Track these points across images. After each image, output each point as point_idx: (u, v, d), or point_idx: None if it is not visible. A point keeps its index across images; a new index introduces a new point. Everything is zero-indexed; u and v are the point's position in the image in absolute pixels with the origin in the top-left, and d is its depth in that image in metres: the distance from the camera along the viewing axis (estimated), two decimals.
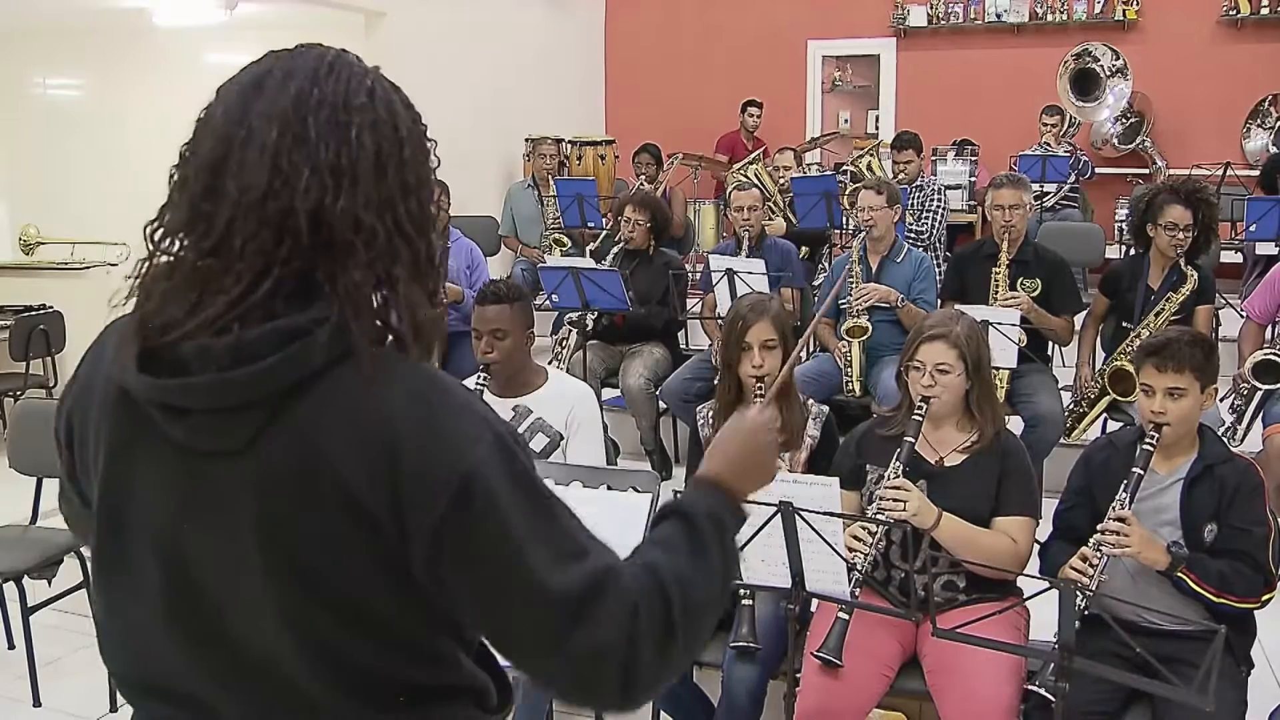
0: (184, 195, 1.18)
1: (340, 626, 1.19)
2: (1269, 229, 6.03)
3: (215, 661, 1.22)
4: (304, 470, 1.15)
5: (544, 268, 5.37)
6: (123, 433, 1.22)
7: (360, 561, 1.16)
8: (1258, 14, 9.09)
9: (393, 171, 1.18)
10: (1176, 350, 2.89)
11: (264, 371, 1.13)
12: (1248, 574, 2.81)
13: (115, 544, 1.25)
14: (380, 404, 1.15)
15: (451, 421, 1.17)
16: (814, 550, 2.62)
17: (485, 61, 8.47)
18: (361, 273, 1.15)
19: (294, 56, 1.21)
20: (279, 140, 1.14)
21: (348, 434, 1.15)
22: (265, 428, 1.15)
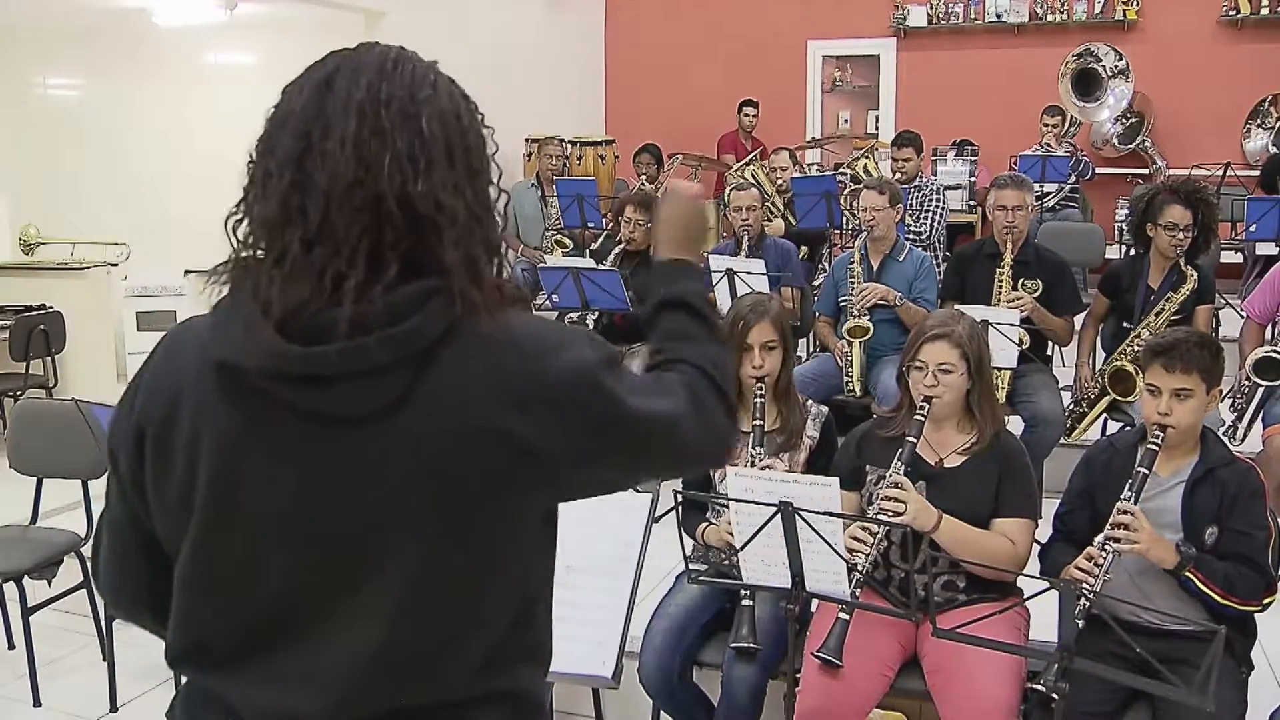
0: (270, 190, 1.24)
1: (480, 578, 1.28)
2: (1269, 229, 6.03)
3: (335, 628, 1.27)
4: (458, 419, 1.23)
5: (544, 268, 5.37)
6: (234, 425, 1.26)
7: (513, 491, 1.27)
8: (1258, 14, 9.10)
9: (459, 156, 1.28)
10: (1185, 351, 2.88)
11: (414, 329, 1.21)
12: (1250, 576, 2.81)
13: (228, 527, 1.29)
14: (509, 343, 1.26)
15: (563, 339, 1.31)
16: (814, 551, 2.62)
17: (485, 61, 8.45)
18: (454, 249, 1.24)
19: (359, 54, 1.30)
20: (358, 131, 1.22)
21: (489, 377, 1.24)
22: (412, 386, 1.22)
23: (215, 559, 1.30)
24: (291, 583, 1.27)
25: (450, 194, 1.25)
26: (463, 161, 1.28)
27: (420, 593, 1.26)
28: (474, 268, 1.26)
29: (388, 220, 1.21)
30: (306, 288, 1.21)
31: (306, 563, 1.27)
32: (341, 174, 1.21)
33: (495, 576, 1.30)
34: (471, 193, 1.28)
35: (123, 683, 3.88)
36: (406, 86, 1.26)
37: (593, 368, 1.30)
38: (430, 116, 1.26)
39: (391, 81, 1.26)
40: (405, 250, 1.22)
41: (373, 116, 1.23)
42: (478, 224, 1.28)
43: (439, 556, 1.26)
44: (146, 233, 7.71)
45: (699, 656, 3.23)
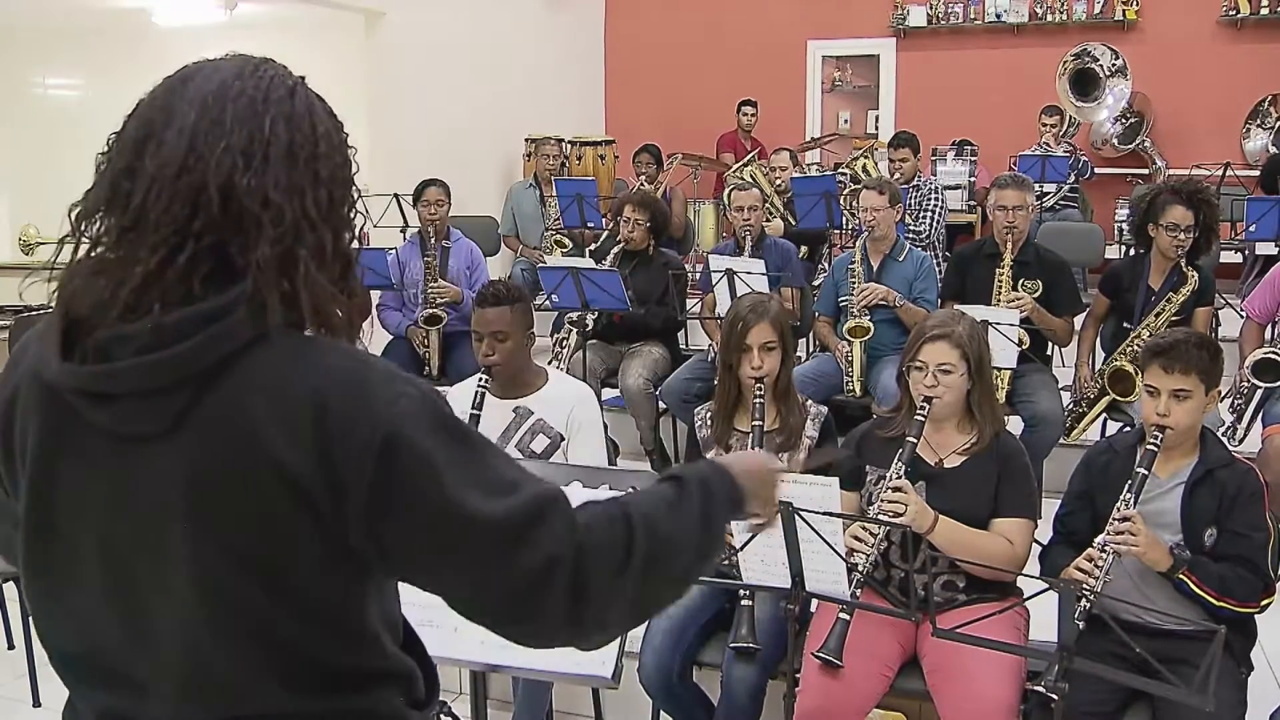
0: (106, 174, 1.25)
1: (268, 605, 1.22)
2: (1269, 229, 6.02)
3: (147, 643, 1.26)
4: (232, 446, 1.19)
5: (543, 268, 5.37)
6: (49, 428, 1.25)
7: (291, 534, 1.20)
8: (1258, 14, 9.09)
9: (304, 161, 1.25)
10: (1184, 352, 2.88)
11: (186, 353, 1.17)
12: (1247, 578, 2.81)
13: (49, 535, 1.27)
14: (302, 376, 1.20)
15: (371, 385, 1.22)
16: (814, 551, 2.62)
17: (485, 61, 8.47)
18: (269, 248, 1.20)
19: (222, 59, 1.29)
20: (197, 122, 1.21)
21: (273, 408, 1.19)
22: (190, 407, 1.19)
23: (40, 567, 1.30)
24: (101, 599, 1.26)
25: (281, 193, 1.22)
26: (307, 167, 1.25)
27: (206, 622, 1.22)
28: (290, 271, 1.21)
29: (204, 208, 1.19)
30: (105, 287, 1.19)
31: (109, 579, 1.25)
32: (170, 160, 1.19)
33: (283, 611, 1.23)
34: (312, 199, 1.24)
35: None
36: (258, 88, 1.25)
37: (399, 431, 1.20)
38: (277, 117, 1.24)
39: (244, 81, 1.25)
40: (210, 245, 1.19)
41: (215, 109, 1.22)
42: (310, 229, 1.24)
43: (220, 587, 1.21)
44: None
45: (699, 656, 3.23)
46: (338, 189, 1.29)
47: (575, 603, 1.24)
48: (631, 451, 5.59)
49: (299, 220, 1.23)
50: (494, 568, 1.22)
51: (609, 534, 1.27)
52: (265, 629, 1.23)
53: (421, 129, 7.66)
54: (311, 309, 1.23)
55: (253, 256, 1.20)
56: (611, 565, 1.27)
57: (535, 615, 1.24)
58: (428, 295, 5.77)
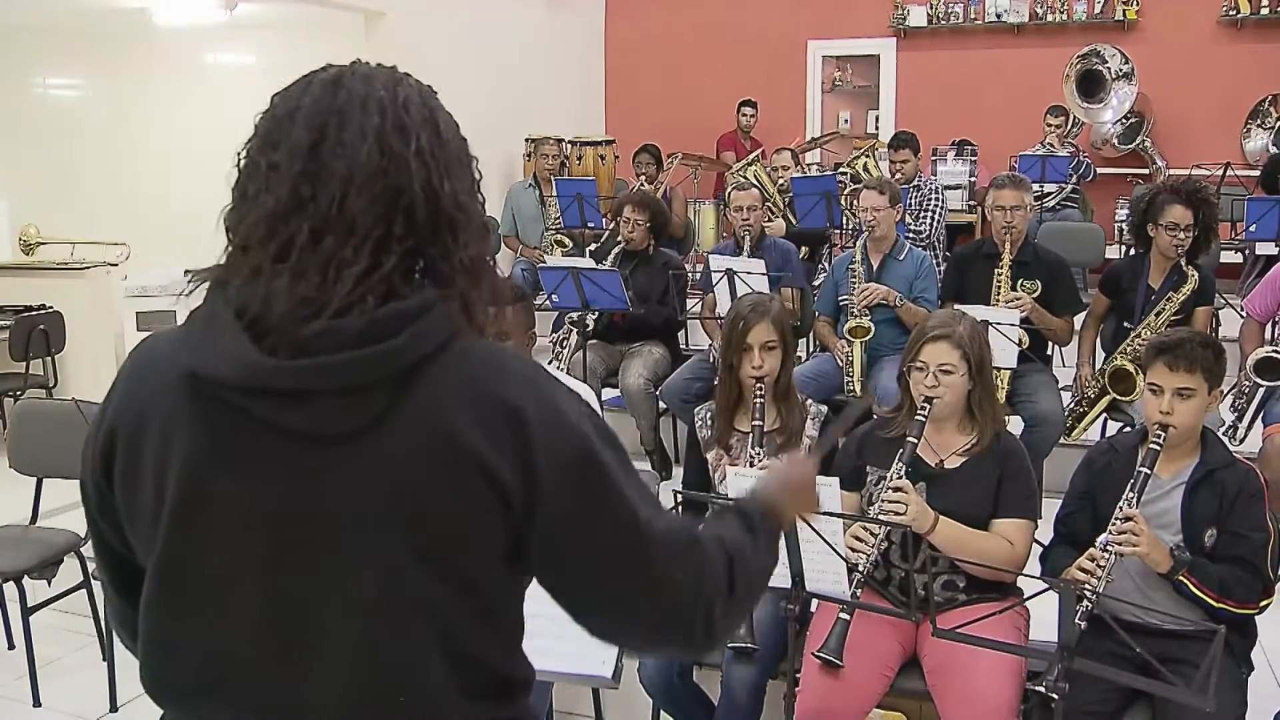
0: (276, 180, 1.20)
1: (450, 606, 1.23)
2: (1269, 229, 6.03)
3: (308, 660, 1.23)
4: (434, 444, 1.19)
5: (544, 268, 5.37)
6: (205, 442, 1.21)
7: (485, 532, 1.22)
8: (1258, 14, 9.09)
9: (467, 165, 1.29)
10: (1189, 350, 2.88)
11: (397, 348, 1.17)
12: (1247, 580, 2.81)
13: (193, 556, 1.24)
14: (500, 383, 1.22)
15: (563, 401, 1.26)
16: (814, 551, 2.62)
17: (485, 61, 8.47)
18: (468, 250, 1.24)
19: (358, 64, 1.29)
20: (381, 124, 1.21)
21: (470, 409, 1.20)
22: (390, 406, 1.18)
23: (180, 584, 1.25)
24: (260, 613, 1.22)
25: (467, 196, 1.26)
26: (469, 171, 1.29)
27: (386, 627, 1.21)
28: (480, 272, 1.25)
29: (404, 213, 1.19)
30: (311, 285, 1.16)
31: (275, 590, 1.22)
32: (364, 163, 1.18)
33: (462, 612, 1.24)
34: (479, 202, 1.29)
35: (123, 683, 3.88)
36: (418, 92, 1.27)
37: (591, 442, 1.25)
38: (448, 121, 1.28)
39: (403, 86, 1.26)
40: (412, 248, 1.20)
41: (394, 113, 1.22)
42: (485, 231, 1.29)
43: (405, 588, 1.21)
44: (146, 233, 7.70)
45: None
46: (467, 196, 1.29)
47: (708, 634, 1.34)
48: (632, 451, 5.50)
49: (480, 222, 1.28)
50: (661, 578, 1.29)
51: (721, 571, 1.35)
52: (443, 631, 1.23)
53: None
54: (495, 309, 1.27)
55: (456, 259, 1.23)
56: (725, 599, 1.36)
57: (679, 637, 1.35)
58: None
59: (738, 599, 1.37)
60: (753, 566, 1.41)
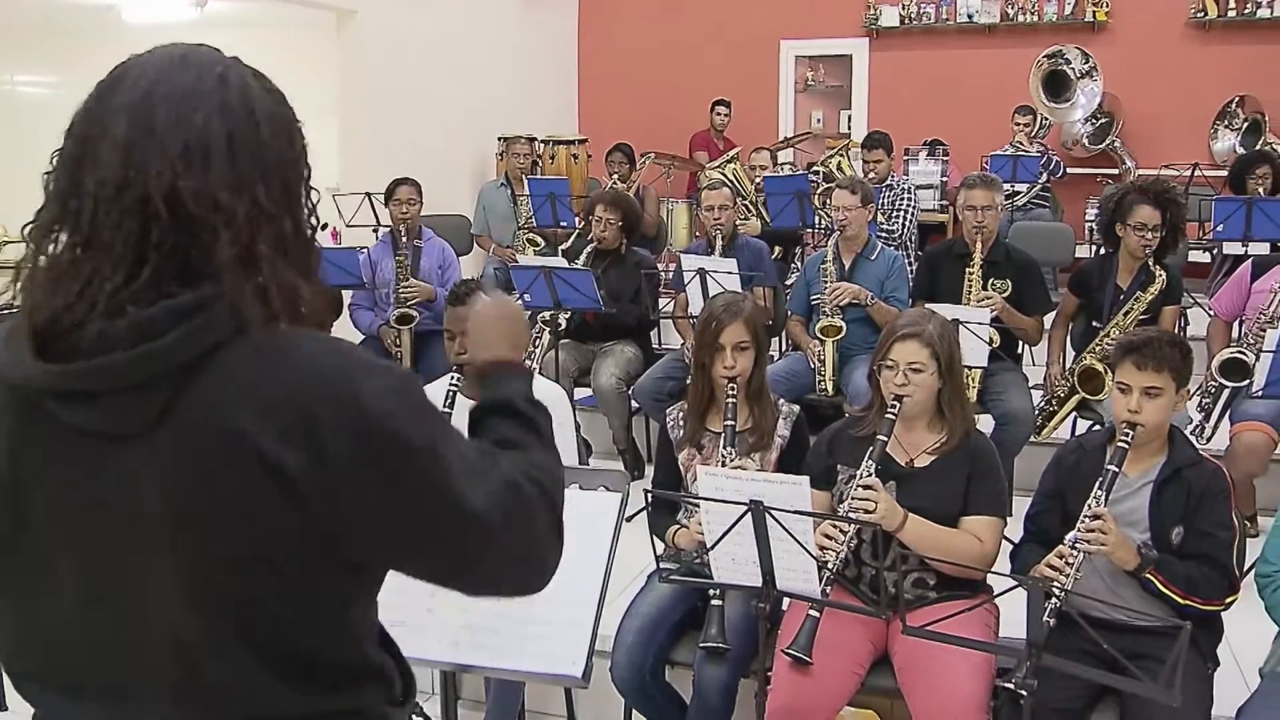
0: (53, 193, 1.23)
1: (254, 602, 1.22)
2: (1236, 229, 6.06)
3: (134, 649, 1.24)
4: (217, 442, 1.18)
5: (516, 267, 5.36)
6: (22, 433, 1.24)
7: (279, 529, 1.19)
8: (1225, 16, 9.19)
9: (248, 152, 1.22)
10: (1157, 350, 2.91)
11: (168, 346, 1.16)
12: (1213, 577, 2.84)
13: (20, 545, 1.26)
14: (285, 371, 1.20)
15: (357, 377, 1.22)
16: (784, 549, 2.63)
17: (458, 60, 8.45)
18: (229, 250, 1.19)
19: (151, 54, 1.26)
20: (128, 133, 1.19)
21: (257, 404, 1.18)
22: (172, 403, 1.18)
23: (8, 573, 1.28)
24: (79, 607, 1.24)
25: (229, 192, 1.20)
26: (251, 158, 1.22)
27: (192, 619, 1.21)
28: (254, 269, 1.20)
29: (154, 220, 1.17)
30: (69, 294, 1.18)
31: (90, 585, 1.23)
32: (109, 177, 1.18)
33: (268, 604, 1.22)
34: (264, 190, 1.23)
35: None
36: (189, 81, 1.22)
37: (388, 416, 1.21)
38: (210, 111, 1.21)
39: (171, 80, 1.22)
40: (172, 251, 1.18)
41: (144, 116, 1.19)
42: (268, 222, 1.22)
43: (204, 582, 1.20)
44: None
45: (671, 655, 3.24)
46: (290, 172, 1.27)
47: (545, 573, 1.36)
48: (604, 451, 5.58)
49: (254, 216, 1.21)
50: (483, 548, 1.28)
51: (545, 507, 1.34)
52: (249, 623, 1.22)
53: (393, 128, 7.63)
54: (281, 302, 1.22)
55: (216, 259, 1.19)
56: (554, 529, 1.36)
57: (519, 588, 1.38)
58: (399, 294, 5.75)
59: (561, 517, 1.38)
60: (555, 471, 1.40)
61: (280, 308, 1.22)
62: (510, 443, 1.40)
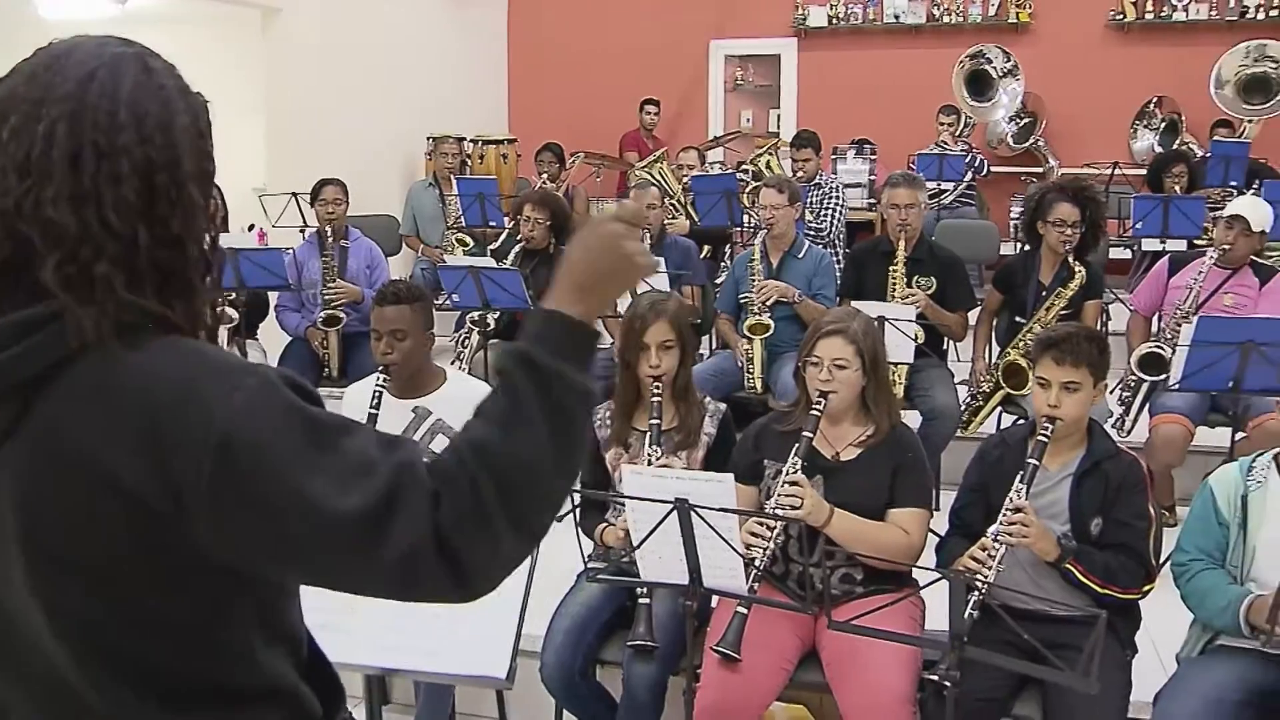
0: None
1: (115, 622, 1.17)
2: (1154, 226, 6.20)
3: (12, 681, 1.21)
4: (61, 460, 1.13)
5: (443, 267, 5.33)
6: None
7: (132, 548, 1.14)
8: (1142, 19, 9.39)
9: (96, 161, 1.14)
10: (1075, 345, 2.97)
11: (10, 361, 1.12)
12: (1131, 566, 2.91)
13: None
14: (131, 382, 1.13)
15: (202, 382, 1.13)
16: (710, 546, 2.64)
17: (386, 59, 8.38)
18: (55, 270, 1.13)
19: (38, 52, 1.20)
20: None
21: (103, 418, 1.13)
22: (16, 421, 1.14)
23: None
24: None
25: (62, 208, 1.13)
26: (101, 164, 1.15)
27: (53, 639, 1.17)
28: (89, 291, 1.13)
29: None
30: None
31: None
32: None
33: (126, 624, 1.17)
34: (112, 201, 1.15)
35: None
36: (47, 86, 1.16)
37: (242, 426, 1.11)
38: (57, 119, 1.14)
39: (32, 84, 1.16)
40: (16, 266, 1.14)
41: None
42: (111, 238, 1.15)
43: (59, 603, 1.16)
44: None
45: (601, 654, 3.24)
46: (159, 175, 1.17)
47: (454, 572, 1.13)
48: None
49: (93, 233, 1.14)
50: (359, 562, 1.13)
51: (457, 497, 1.13)
52: (114, 647, 1.18)
53: (320, 127, 7.55)
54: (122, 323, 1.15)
55: (52, 277, 1.13)
56: (473, 522, 1.13)
57: (417, 592, 1.17)
58: (326, 296, 5.69)
59: (495, 515, 1.14)
60: (515, 462, 1.15)
61: (124, 325, 1.15)
62: (485, 414, 1.18)
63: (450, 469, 1.14)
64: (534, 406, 1.17)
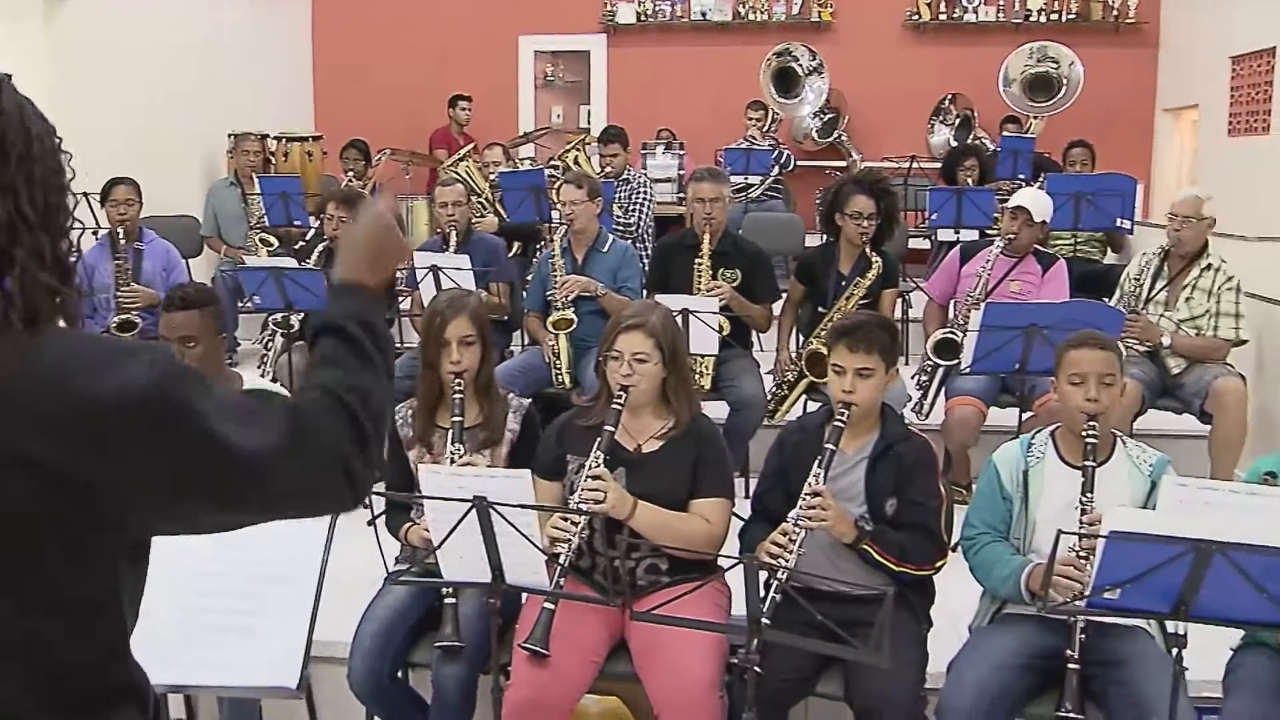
0: None
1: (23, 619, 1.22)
2: (948, 217, 6.45)
3: None
4: None
5: (243, 269, 5.17)
6: None
7: (59, 530, 1.20)
8: (936, 19, 9.79)
9: (15, 161, 1.24)
10: (866, 333, 3.07)
11: None
12: (923, 544, 3.03)
13: None
14: (45, 363, 1.21)
15: (117, 355, 1.24)
16: (511, 543, 2.63)
17: (183, 52, 8.06)
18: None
19: None
20: None
21: (15, 400, 1.19)
22: None
23: None
24: None
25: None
26: (19, 166, 1.24)
27: None
28: (7, 270, 1.22)
29: None
30: None
31: None
32: None
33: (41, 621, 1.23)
34: (27, 200, 1.24)
35: None
36: None
37: (153, 387, 1.23)
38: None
39: None
40: None
41: None
42: (27, 231, 1.24)
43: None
44: None
45: (410, 657, 3.19)
46: (53, 195, 1.28)
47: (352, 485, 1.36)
48: None
49: (12, 221, 1.22)
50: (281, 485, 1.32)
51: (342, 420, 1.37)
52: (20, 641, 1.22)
53: (112, 123, 7.18)
54: (33, 309, 1.22)
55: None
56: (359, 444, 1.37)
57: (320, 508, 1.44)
58: (119, 300, 5.44)
59: (370, 439, 1.39)
60: (374, 394, 1.42)
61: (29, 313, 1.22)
62: (330, 360, 1.42)
63: (332, 405, 1.37)
64: (371, 350, 1.44)
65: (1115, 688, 2.80)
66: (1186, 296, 4.77)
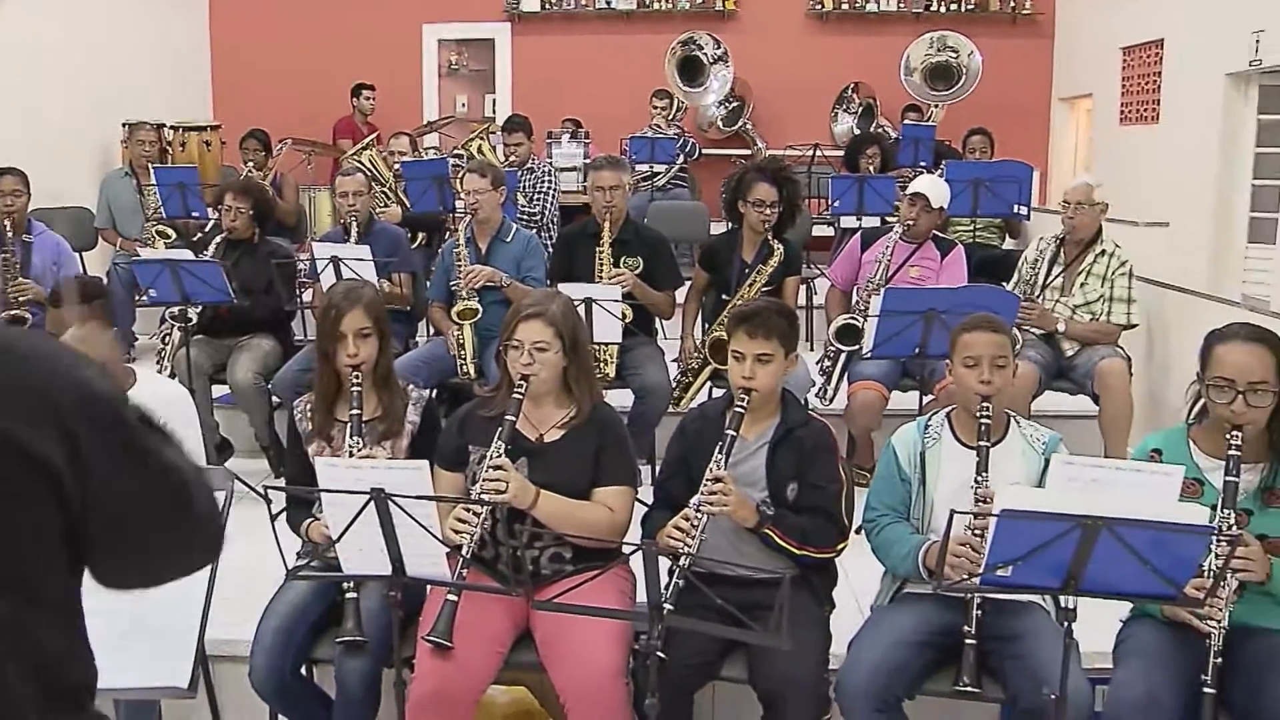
0: None
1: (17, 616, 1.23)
2: (850, 204, 6.54)
3: None
4: None
5: (138, 261, 5.04)
6: None
7: (41, 523, 1.24)
8: (839, 9, 9.91)
9: None
10: (765, 319, 3.10)
11: None
12: (824, 527, 3.06)
13: None
14: (17, 361, 1.26)
15: (80, 364, 1.31)
16: (410, 535, 2.61)
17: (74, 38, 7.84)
18: None
19: None
20: None
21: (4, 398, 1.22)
22: None
23: None
24: None
25: None
26: None
27: None
28: None
29: None
30: None
31: None
32: None
33: (32, 617, 1.25)
34: None
35: None
36: None
37: (106, 395, 1.30)
38: None
39: None
40: None
41: None
42: None
43: None
44: None
45: (313, 653, 3.15)
46: None
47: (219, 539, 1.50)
48: (247, 449, 5.34)
49: None
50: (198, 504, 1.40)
51: None
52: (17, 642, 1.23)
53: None
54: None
55: None
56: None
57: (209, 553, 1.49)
58: (8, 295, 5.29)
59: None
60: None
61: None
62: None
63: None
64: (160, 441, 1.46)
65: (1011, 661, 2.86)
66: (1081, 282, 4.89)
